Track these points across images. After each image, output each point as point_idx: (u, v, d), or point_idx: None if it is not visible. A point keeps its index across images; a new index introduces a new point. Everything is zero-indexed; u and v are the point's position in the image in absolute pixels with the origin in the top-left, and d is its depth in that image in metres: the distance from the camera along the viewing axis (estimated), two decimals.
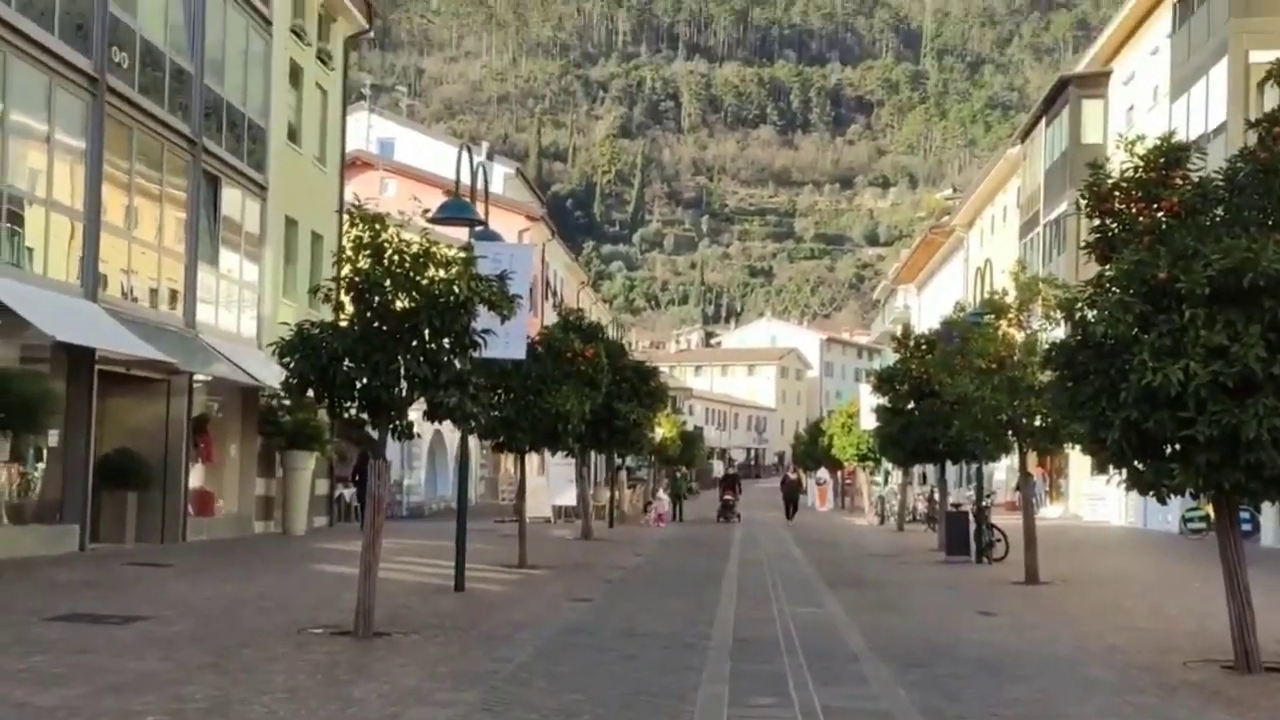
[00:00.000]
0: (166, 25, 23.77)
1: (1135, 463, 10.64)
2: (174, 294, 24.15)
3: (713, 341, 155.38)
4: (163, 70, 23.31)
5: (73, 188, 20.21)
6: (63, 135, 19.88)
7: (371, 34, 40.19)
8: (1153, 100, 37.39)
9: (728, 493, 46.82)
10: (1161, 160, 10.78)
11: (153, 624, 11.84)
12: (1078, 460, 38.97)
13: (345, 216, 11.84)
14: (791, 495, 50.31)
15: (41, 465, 20.59)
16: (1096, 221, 11.15)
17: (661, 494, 47.29)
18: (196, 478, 25.12)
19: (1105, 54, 42.43)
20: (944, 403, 23.49)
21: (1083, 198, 11.21)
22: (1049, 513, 41.05)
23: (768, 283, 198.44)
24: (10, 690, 8.21)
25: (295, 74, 30.57)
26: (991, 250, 51.29)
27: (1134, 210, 10.77)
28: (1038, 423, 19.10)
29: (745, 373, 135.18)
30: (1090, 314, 10.60)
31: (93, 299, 20.44)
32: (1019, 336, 19.62)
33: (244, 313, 27.37)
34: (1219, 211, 10.59)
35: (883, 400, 30.54)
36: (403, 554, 20.75)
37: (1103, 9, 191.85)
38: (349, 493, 33.28)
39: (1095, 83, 42.59)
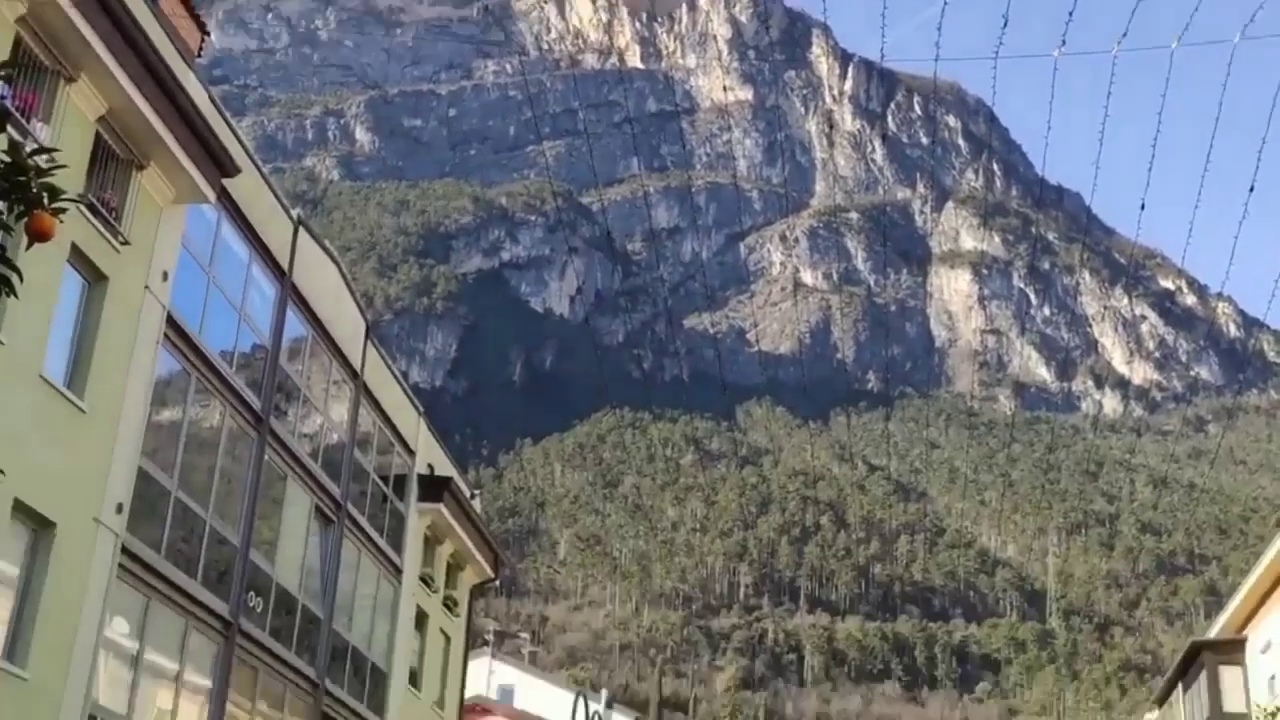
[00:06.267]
0: (303, 572, 24.73)
1: None
2: None
3: None
4: (294, 614, 24.01)
5: None
6: (192, 675, 20.27)
7: (498, 582, 41.28)
8: None
9: None
10: None
11: None
12: None
13: None
14: None
15: None
16: None
17: None
18: None
19: (1238, 621, 41.49)
20: None
21: None
22: None
23: None
24: None
25: (421, 620, 31.24)
26: None
27: None
28: None
29: None
30: None
31: None
32: None
33: None
34: None
35: None
36: None
37: (1230, 576, 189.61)
38: None
39: (1231, 649, 41.36)
